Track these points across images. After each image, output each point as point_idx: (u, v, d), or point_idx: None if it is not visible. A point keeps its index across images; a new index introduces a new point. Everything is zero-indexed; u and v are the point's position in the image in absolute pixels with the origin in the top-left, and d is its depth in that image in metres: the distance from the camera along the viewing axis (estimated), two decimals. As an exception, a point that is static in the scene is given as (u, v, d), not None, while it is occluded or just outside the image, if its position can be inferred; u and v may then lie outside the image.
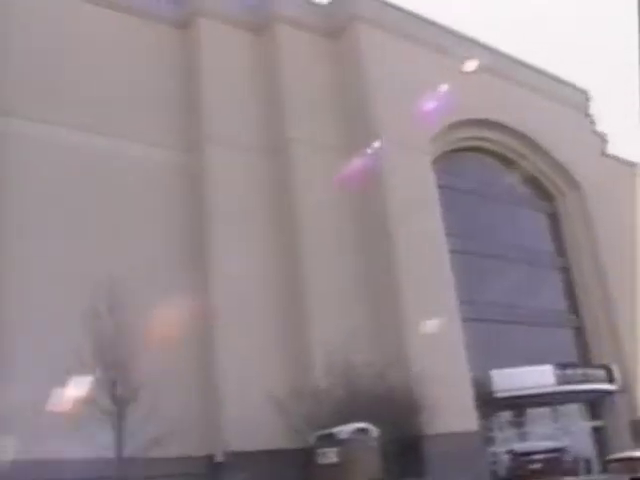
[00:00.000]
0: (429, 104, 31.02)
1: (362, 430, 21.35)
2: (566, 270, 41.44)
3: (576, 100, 45.05)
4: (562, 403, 36.04)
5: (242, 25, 32.11)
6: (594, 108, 46.25)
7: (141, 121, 27.93)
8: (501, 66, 39.16)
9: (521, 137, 39.78)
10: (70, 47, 26.99)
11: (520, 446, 30.85)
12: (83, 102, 26.42)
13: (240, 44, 31.72)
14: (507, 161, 40.59)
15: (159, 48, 30.16)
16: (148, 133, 27.92)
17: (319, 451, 21.42)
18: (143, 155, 27.31)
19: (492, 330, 33.78)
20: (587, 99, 45.98)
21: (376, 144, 30.33)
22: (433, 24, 36.84)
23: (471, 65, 34.95)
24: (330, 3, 34.39)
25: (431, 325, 27.72)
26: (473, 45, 38.05)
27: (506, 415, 33.81)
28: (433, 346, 27.49)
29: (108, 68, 27.71)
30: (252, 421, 23.45)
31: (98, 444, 19.19)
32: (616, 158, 47.52)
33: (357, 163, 29.75)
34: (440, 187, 32.94)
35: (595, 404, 37.78)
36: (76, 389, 19.88)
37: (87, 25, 27.90)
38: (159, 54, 30.07)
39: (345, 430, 21.21)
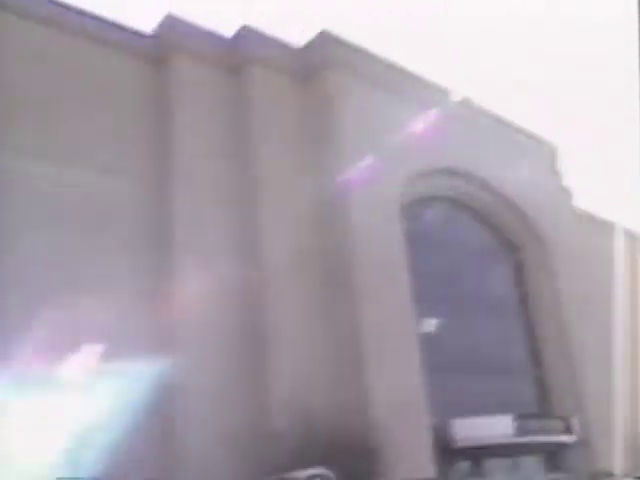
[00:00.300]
0: (397, 152, 31.46)
1: (318, 476, 20.98)
2: (529, 321, 41.62)
3: (544, 154, 45.86)
4: (521, 454, 35.79)
5: (216, 64, 32.31)
6: (562, 163, 47.15)
7: (112, 153, 27.67)
8: (471, 116, 39.87)
9: (488, 188, 40.29)
10: (48, 78, 26.89)
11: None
12: (59, 134, 26.29)
13: (213, 82, 31.87)
14: (474, 211, 40.94)
15: (136, 82, 30.18)
16: (118, 164, 27.66)
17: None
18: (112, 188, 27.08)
19: (454, 378, 33.64)
20: (555, 154, 46.86)
21: (343, 190, 30.67)
22: (403, 72, 37.33)
23: (440, 113, 35.60)
24: (304, 47, 34.81)
25: (392, 371, 27.65)
26: (442, 93, 38.76)
27: (465, 465, 33.51)
28: (393, 393, 27.31)
29: (83, 99, 27.64)
30: (208, 460, 22.94)
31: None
32: (581, 212, 48.42)
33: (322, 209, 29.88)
34: (406, 234, 33.00)
35: (555, 456, 37.59)
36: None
37: (64, 56, 27.80)
38: (136, 88, 30.09)
39: (301, 476, 20.82)
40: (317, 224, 30.91)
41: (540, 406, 39.55)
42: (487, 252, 41.32)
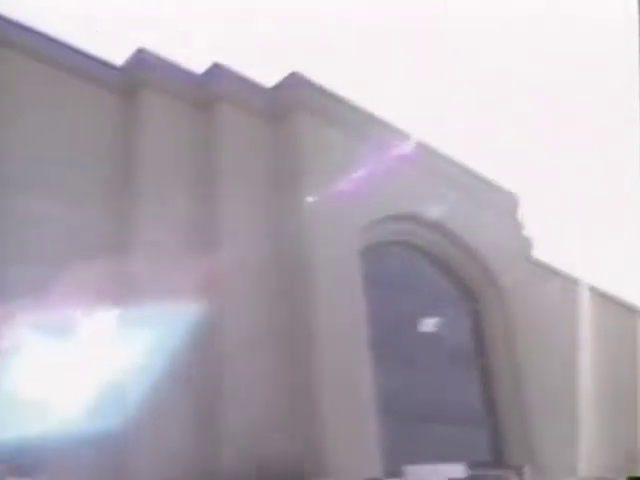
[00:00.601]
0: (359, 195, 31.80)
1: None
2: (485, 369, 41.85)
3: (505, 203, 46.54)
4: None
5: (186, 99, 32.42)
6: (522, 212, 47.92)
7: (75, 182, 27.48)
8: (434, 163, 40.54)
9: (448, 235, 40.68)
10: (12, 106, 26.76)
11: None
12: (20, 161, 26.00)
13: (182, 117, 31.93)
14: (433, 257, 41.28)
15: (103, 113, 30.13)
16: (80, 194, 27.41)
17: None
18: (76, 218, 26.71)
19: (407, 425, 33.65)
20: (515, 203, 47.62)
21: (305, 232, 30.71)
22: (371, 116, 37.80)
23: (404, 158, 36.14)
24: (274, 87, 35.13)
25: (347, 418, 27.53)
26: (409, 139, 39.17)
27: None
28: (347, 440, 27.15)
29: (49, 128, 27.49)
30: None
31: None
32: (540, 263, 49.12)
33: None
34: (365, 279, 33.15)
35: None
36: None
37: (31, 84, 27.69)
38: (103, 119, 30.01)
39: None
40: (278, 266, 30.80)
41: (494, 454, 39.56)
42: (445, 299, 41.55)
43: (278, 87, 34.91)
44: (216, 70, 33.34)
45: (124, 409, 22.98)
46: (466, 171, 43.57)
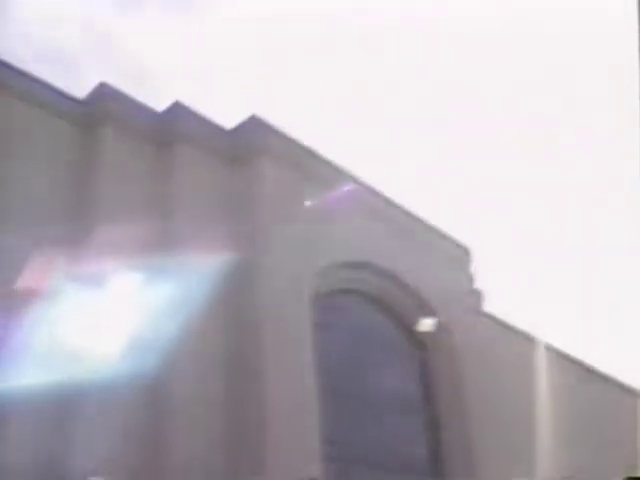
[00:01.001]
0: (311, 242, 32.14)
1: None
2: (432, 418, 41.74)
3: (456, 255, 47.04)
4: None
5: (145, 136, 32.56)
6: (474, 264, 48.50)
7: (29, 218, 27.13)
8: (389, 213, 41.05)
9: (399, 284, 40.84)
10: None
11: None
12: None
13: (140, 154, 32.03)
14: (383, 305, 41.40)
15: (60, 144, 30.03)
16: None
17: None
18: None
19: (353, 471, 33.37)
20: (468, 255, 48.23)
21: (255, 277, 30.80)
22: (329, 164, 38.29)
23: (360, 206, 36.67)
24: (234, 129, 35.46)
25: (291, 467, 27.28)
26: (367, 189, 39.92)
27: None
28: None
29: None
30: None
31: None
32: (491, 316, 49.59)
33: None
34: (315, 325, 33.12)
35: None
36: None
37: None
38: (62, 151, 29.93)
39: None
40: (226, 312, 30.62)
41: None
42: (395, 348, 41.62)
43: (237, 129, 35.30)
44: (177, 109, 33.62)
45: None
46: (420, 221, 44.07)
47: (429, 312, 42.14)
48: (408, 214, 43.24)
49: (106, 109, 31.36)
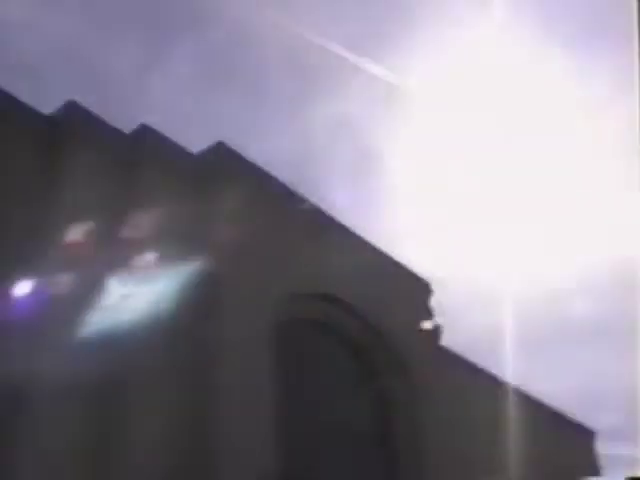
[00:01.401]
0: (273, 273, 32.17)
1: None
2: (389, 453, 41.52)
3: (417, 289, 47.26)
4: None
5: (110, 156, 32.23)
6: (434, 298, 48.64)
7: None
8: (349, 244, 41.09)
9: (358, 316, 40.83)
10: None
11: None
12: None
13: (104, 173, 31.67)
14: (343, 338, 41.21)
15: (22, 160, 29.48)
16: None
17: None
18: None
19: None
20: (429, 290, 48.43)
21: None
22: (293, 193, 38.46)
23: (320, 235, 36.81)
24: (200, 154, 35.43)
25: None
26: (323, 216, 40.11)
27: None
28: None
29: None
30: None
31: None
32: (448, 350, 49.74)
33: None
34: (274, 358, 32.94)
35: None
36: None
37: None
38: (26, 167, 29.39)
39: None
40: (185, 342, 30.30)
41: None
42: (352, 380, 41.47)
43: (204, 154, 35.27)
44: (144, 131, 33.48)
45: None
46: (381, 254, 44.18)
47: (388, 345, 42.19)
48: (371, 248, 43.39)
49: (71, 127, 31.05)
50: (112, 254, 29.43)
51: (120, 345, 26.95)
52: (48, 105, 31.79)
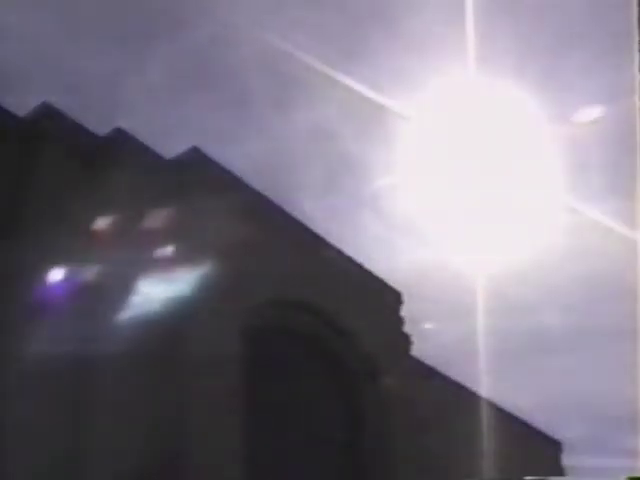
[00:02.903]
0: (247, 279, 32.02)
1: None
2: (357, 466, 41.41)
3: (388, 298, 47.24)
4: None
5: (84, 158, 31.83)
6: (404, 308, 48.80)
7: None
8: (323, 252, 41.10)
9: (330, 325, 40.94)
10: None
11: None
12: None
13: (74, 176, 31.27)
14: (314, 345, 41.17)
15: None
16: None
17: None
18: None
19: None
20: (399, 299, 48.55)
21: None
22: (268, 200, 38.35)
23: (290, 244, 36.80)
24: (174, 160, 35.11)
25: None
26: (295, 224, 39.94)
27: None
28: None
29: None
30: None
31: None
32: (419, 360, 49.95)
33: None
34: (244, 364, 32.66)
35: None
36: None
37: None
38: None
39: None
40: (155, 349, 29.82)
41: None
42: (323, 389, 41.41)
43: (178, 160, 35.01)
44: (117, 135, 33.14)
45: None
46: (353, 263, 44.13)
47: (361, 356, 42.25)
48: (341, 253, 43.31)
49: (43, 128, 30.65)
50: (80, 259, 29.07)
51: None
52: (22, 107, 31.41)
